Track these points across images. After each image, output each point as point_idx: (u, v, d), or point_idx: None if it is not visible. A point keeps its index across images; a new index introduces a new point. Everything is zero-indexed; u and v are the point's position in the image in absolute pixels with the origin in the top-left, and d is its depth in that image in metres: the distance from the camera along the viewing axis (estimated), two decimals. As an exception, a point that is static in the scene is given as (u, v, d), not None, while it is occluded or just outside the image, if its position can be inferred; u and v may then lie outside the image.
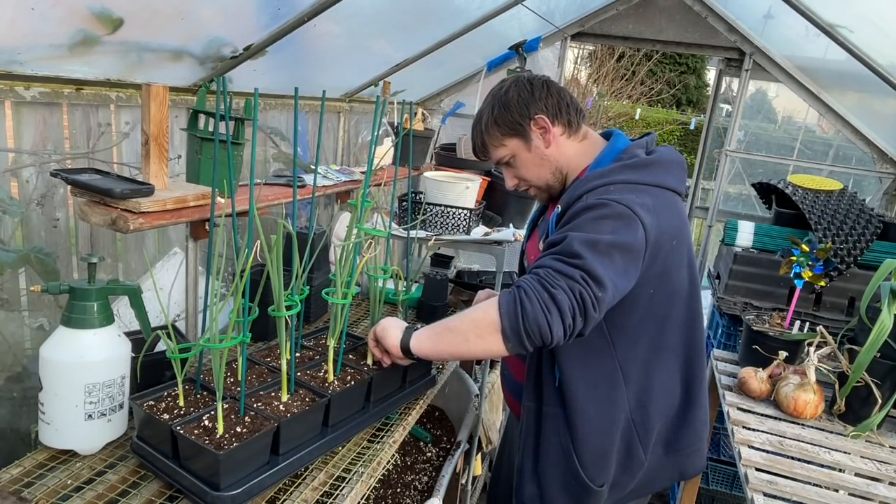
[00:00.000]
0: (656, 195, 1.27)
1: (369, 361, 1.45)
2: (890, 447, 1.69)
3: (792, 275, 2.03)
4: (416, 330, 1.32)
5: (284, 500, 1.12)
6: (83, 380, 1.13)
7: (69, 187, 1.40)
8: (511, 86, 1.40)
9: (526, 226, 1.66)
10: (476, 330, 1.20)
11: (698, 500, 2.54)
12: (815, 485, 1.53)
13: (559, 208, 1.31)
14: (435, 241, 2.40)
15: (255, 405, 1.18)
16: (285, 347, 1.24)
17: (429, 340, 1.29)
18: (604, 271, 1.15)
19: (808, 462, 1.60)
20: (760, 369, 1.89)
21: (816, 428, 1.75)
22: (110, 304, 1.19)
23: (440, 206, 2.43)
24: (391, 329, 1.35)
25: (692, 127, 11.93)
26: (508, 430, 1.77)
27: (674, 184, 1.32)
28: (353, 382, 1.34)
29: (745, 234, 2.51)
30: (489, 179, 2.85)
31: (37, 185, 1.64)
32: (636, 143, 1.39)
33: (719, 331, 2.52)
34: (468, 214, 2.45)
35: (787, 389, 1.79)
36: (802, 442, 1.67)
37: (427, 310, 2.04)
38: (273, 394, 1.25)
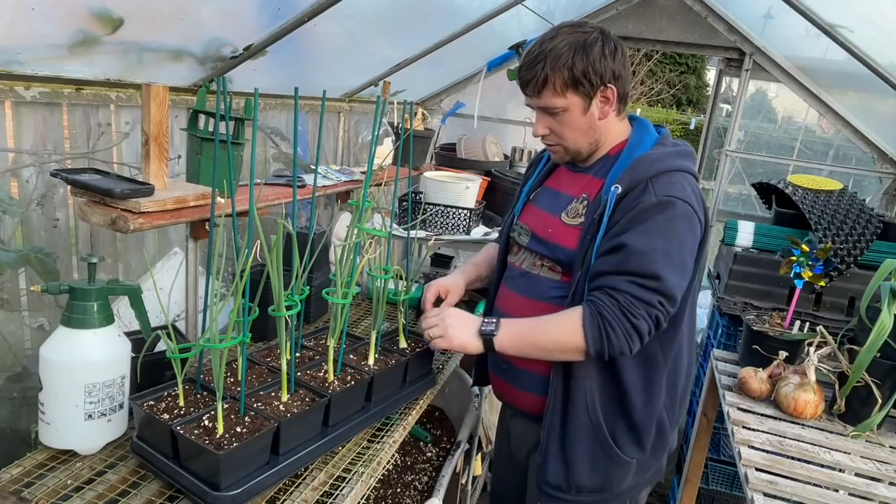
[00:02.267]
0: (694, 183, 1.36)
1: (370, 362, 1.45)
2: (890, 447, 1.69)
3: (792, 275, 2.02)
4: (493, 335, 1.35)
5: (284, 500, 1.12)
6: (83, 380, 1.13)
7: (69, 187, 1.40)
8: (598, 36, 1.33)
9: (521, 196, 1.60)
10: (561, 350, 1.32)
11: (698, 500, 2.54)
12: (815, 485, 1.53)
13: (618, 188, 1.30)
14: (434, 241, 2.40)
15: (255, 405, 1.18)
16: (285, 347, 1.24)
17: (512, 349, 1.37)
18: (677, 285, 1.28)
19: (809, 462, 1.59)
20: (760, 369, 1.89)
21: (816, 428, 1.75)
22: (110, 304, 1.19)
23: (440, 206, 2.43)
24: (463, 331, 1.37)
25: (692, 127, 11.92)
26: (507, 427, 1.72)
27: (696, 173, 1.42)
28: (353, 382, 1.34)
29: (745, 234, 2.51)
30: (489, 179, 2.85)
31: (37, 185, 1.64)
32: (665, 134, 1.45)
33: (719, 331, 2.52)
34: (468, 214, 2.45)
35: (787, 389, 1.79)
36: (802, 442, 1.67)
37: (427, 310, 2.04)
38: (273, 394, 1.25)
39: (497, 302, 1.58)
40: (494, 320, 1.38)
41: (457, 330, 1.37)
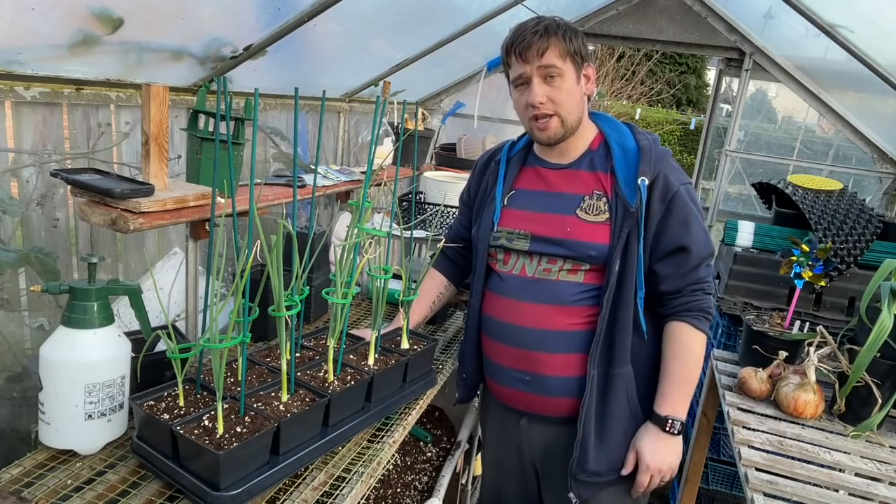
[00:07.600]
0: None
1: (370, 362, 1.45)
2: (890, 447, 1.69)
3: (792, 275, 2.02)
4: (674, 420, 1.46)
5: (284, 500, 1.12)
6: (83, 380, 1.13)
7: (69, 187, 1.40)
8: (578, 29, 1.47)
9: (494, 200, 1.56)
10: (700, 363, 1.47)
11: (698, 500, 2.54)
12: (815, 485, 1.53)
13: (645, 180, 1.41)
14: (440, 245, 2.40)
15: (255, 405, 1.18)
16: (285, 347, 1.24)
17: (684, 407, 1.47)
18: None
19: (809, 462, 1.59)
20: (760, 369, 1.89)
21: (816, 428, 1.75)
22: (110, 304, 1.19)
23: (440, 206, 2.43)
24: (669, 445, 1.48)
25: (692, 127, 11.91)
26: (516, 434, 1.66)
27: None
28: (353, 382, 1.34)
29: (745, 234, 2.51)
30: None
31: (37, 185, 1.64)
32: (631, 124, 1.57)
33: (719, 331, 2.52)
34: (468, 214, 2.45)
35: (787, 389, 1.79)
36: (802, 442, 1.67)
37: (427, 310, 2.03)
38: (273, 394, 1.25)
39: (498, 315, 1.54)
40: (671, 417, 1.45)
41: (669, 459, 1.48)
